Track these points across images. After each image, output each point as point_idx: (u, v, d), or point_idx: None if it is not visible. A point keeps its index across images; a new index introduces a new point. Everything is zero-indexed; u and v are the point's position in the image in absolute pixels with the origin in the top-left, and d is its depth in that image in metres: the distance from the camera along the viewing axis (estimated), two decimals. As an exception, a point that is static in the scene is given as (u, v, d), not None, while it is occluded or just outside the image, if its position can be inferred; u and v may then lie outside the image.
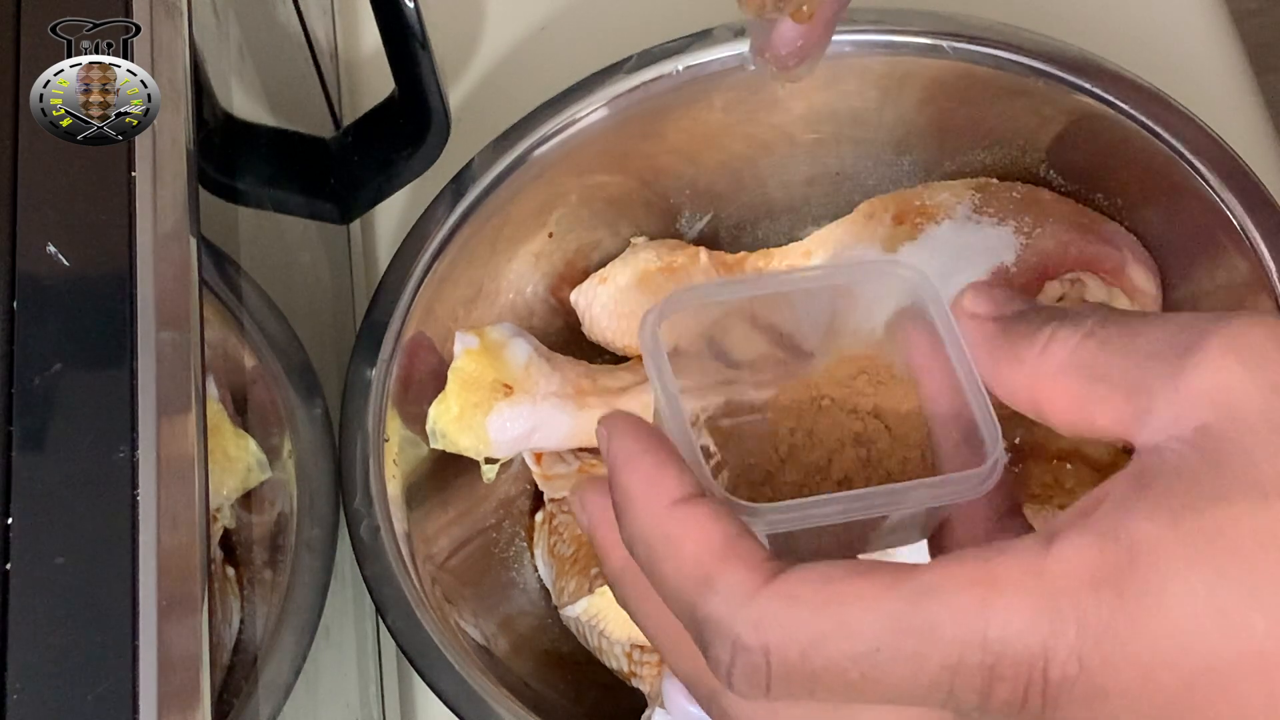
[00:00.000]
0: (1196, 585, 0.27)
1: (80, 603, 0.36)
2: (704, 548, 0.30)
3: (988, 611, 0.27)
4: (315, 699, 0.50)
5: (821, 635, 0.28)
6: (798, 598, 0.28)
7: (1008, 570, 0.28)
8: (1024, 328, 0.33)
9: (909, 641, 0.28)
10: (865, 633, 0.28)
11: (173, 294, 0.41)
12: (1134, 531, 0.28)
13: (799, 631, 0.28)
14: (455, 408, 0.56)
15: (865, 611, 0.28)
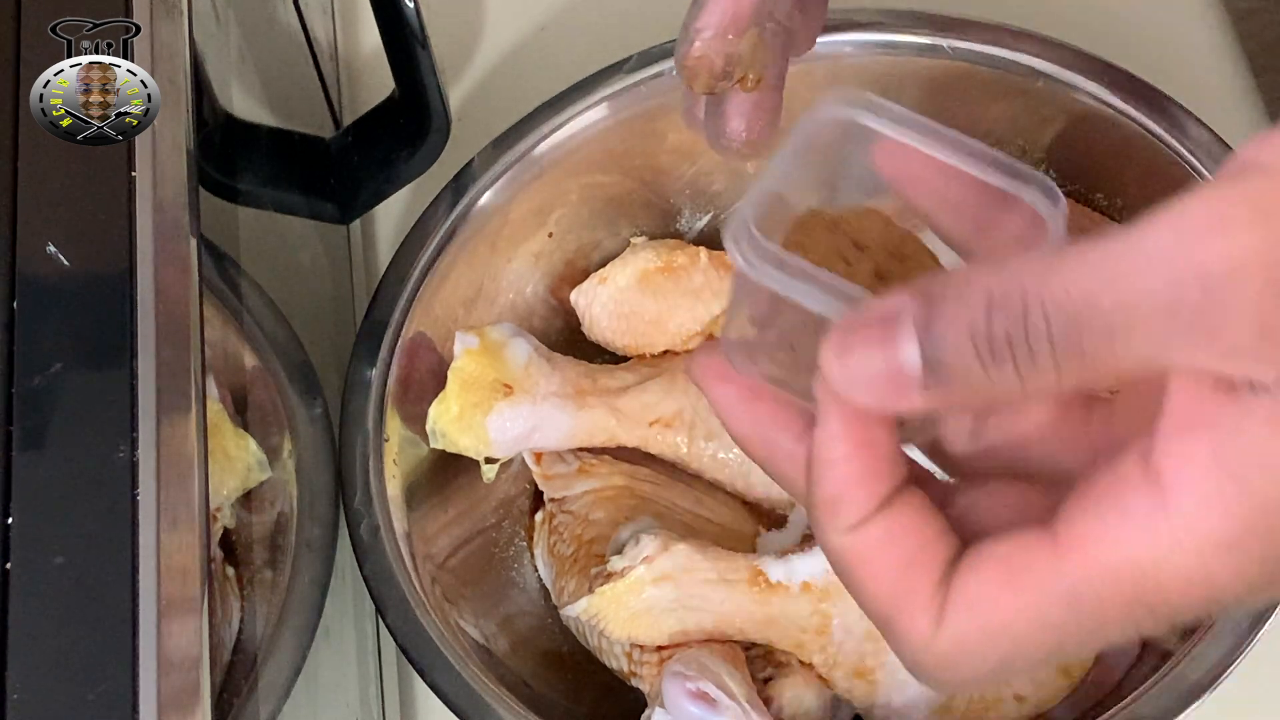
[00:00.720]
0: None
1: (80, 603, 0.36)
2: (881, 587, 0.31)
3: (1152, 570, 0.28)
4: (315, 699, 0.50)
5: (1003, 659, 0.30)
6: (966, 642, 0.30)
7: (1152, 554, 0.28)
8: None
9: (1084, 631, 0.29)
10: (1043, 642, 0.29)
11: (173, 294, 0.41)
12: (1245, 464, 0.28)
13: (983, 667, 0.30)
14: (455, 408, 0.56)
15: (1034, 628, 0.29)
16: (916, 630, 0.30)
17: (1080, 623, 0.29)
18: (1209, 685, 0.47)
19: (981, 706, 0.52)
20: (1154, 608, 0.28)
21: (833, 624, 0.52)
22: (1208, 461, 0.27)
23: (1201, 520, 0.27)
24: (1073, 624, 0.29)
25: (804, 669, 0.53)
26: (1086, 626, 0.29)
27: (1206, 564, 0.28)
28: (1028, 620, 0.29)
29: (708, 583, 0.52)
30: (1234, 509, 0.27)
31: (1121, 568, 0.28)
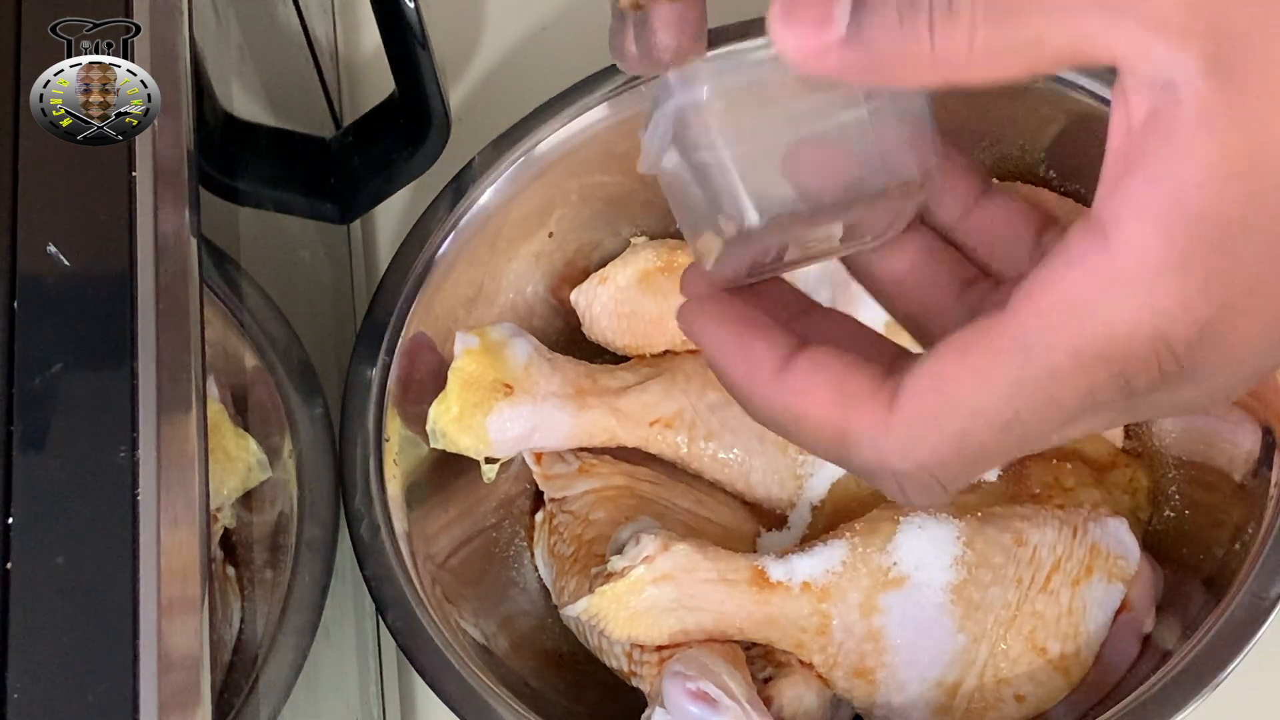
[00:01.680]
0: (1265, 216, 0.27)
1: (80, 603, 0.36)
2: (824, 406, 0.31)
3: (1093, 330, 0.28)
4: (315, 698, 0.50)
5: (962, 432, 0.29)
6: (925, 414, 0.30)
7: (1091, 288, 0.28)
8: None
9: (1035, 394, 0.29)
10: (1000, 409, 0.29)
11: (173, 294, 0.41)
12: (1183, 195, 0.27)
13: (941, 438, 0.30)
14: (455, 407, 0.56)
15: (986, 393, 0.29)
16: (870, 421, 0.30)
17: (1035, 381, 0.29)
18: (1209, 685, 0.47)
19: (981, 706, 0.52)
20: (1106, 358, 0.28)
21: (833, 624, 0.52)
22: (1144, 194, 0.27)
23: (1141, 249, 0.27)
24: (1027, 382, 0.29)
25: (804, 669, 0.53)
26: (1042, 385, 0.29)
27: (1152, 294, 0.27)
28: (980, 383, 0.29)
29: (708, 582, 0.52)
30: (1174, 231, 0.27)
31: (1067, 311, 0.28)
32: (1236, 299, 0.27)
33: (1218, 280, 0.27)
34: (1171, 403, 0.30)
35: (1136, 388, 0.28)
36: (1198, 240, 0.27)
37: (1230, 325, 0.28)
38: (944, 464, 0.30)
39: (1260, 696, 0.55)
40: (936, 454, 0.30)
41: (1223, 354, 0.28)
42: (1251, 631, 0.47)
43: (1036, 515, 0.54)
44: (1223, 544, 0.53)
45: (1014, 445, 0.30)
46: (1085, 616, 0.52)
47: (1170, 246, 0.27)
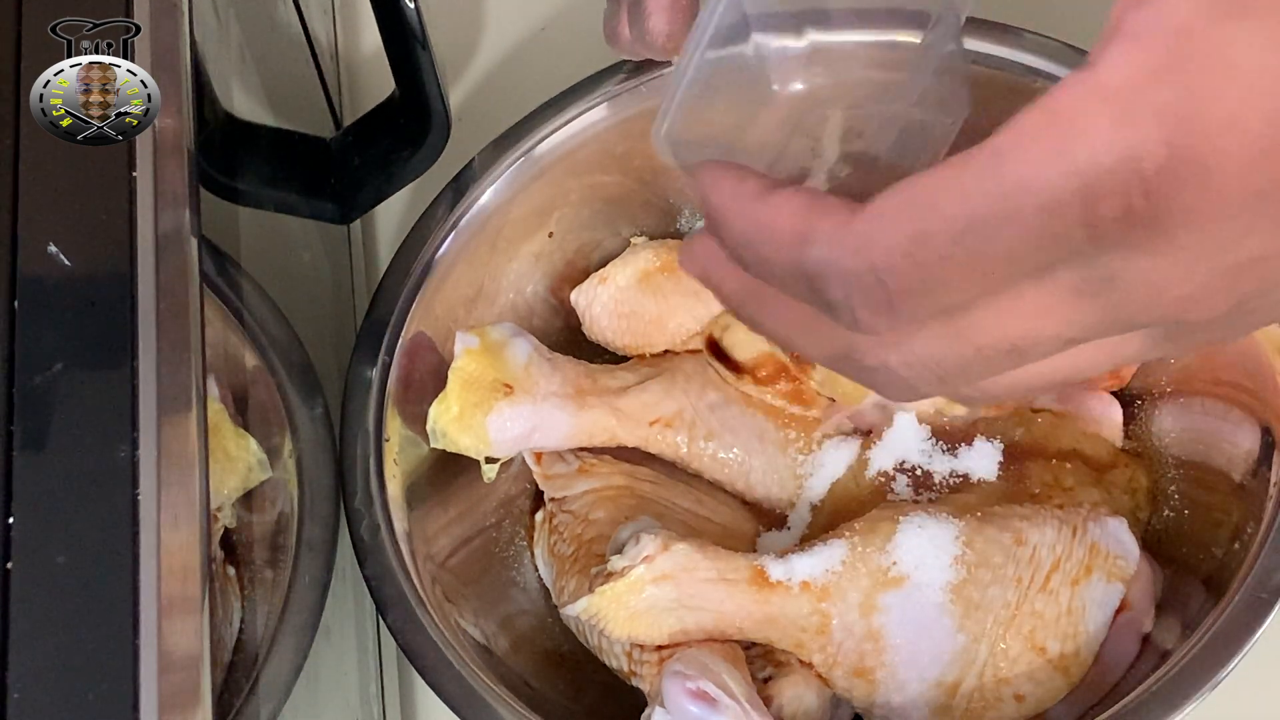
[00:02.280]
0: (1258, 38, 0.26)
1: (80, 602, 0.36)
2: (793, 215, 0.31)
3: (1066, 143, 0.27)
4: (315, 698, 0.50)
5: (918, 232, 0.28)
6: (885, 212, 0.29)
7: (1070, 101, 0.27)
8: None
9: (999, 203, 0.28)
10: (957, 213, 0.28)
11: (173, 294, 0.41)
12: (1172, 16, 0.27)
13: (897, 237, 0.29)
14: (455, 407, 0.56)
15: (950, 195, 0.28)
16: (832, 221, 0.30)
17: (1000, 189, 0.27)
18: (1208, 685, 0.47)
19: (981, 706, 0.52)
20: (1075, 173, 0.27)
21: (832, 623, 0.52)
22: (1133, 18, 0.27)
23: (1124, 63, 0.27)
24: (991, 190, 0.28)
25: (804, 669, 0.53)
26: (1006, 196, 0.27)
27: (1127, 108, 0.27)
28: (944, 186, 0.28)
29: (708, 582, 0.52)
30: (1156, 44, 0.27)
31: (1043, 125, 0.27)
32: (1214, 130, 0.26)
33: (1195, 101, 0.26)
34: (1145, 272, 0.28)
35: (1103, 226, 0.27)
36: (1179, 55, 0.26)
37: (1205, 161, 0.26)
38: (894, 269, 0.29)
39: (1260, 696, 0.55)
40: (889, 255, 0.29)
41: (1197, 199, 0.27)
42: (1251, 631, 0.47)
43: (1036, 515, 0.54)
44: (1222, 543, 0.53)
45: (967, 265, 0.28)
46: (1085, 616, 0.52)
47: (1150, 59, 0.27)
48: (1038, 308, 0.29)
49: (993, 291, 0.29)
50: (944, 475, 0.58)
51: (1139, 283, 0.28)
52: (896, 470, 0.58)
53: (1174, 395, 0.58)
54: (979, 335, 0.30)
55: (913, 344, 0.31)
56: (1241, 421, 0.54)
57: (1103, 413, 0.59)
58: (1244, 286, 0.28)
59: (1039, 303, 0.29)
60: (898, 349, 0.31)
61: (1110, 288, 0.28)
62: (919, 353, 0.31)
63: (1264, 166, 0.26)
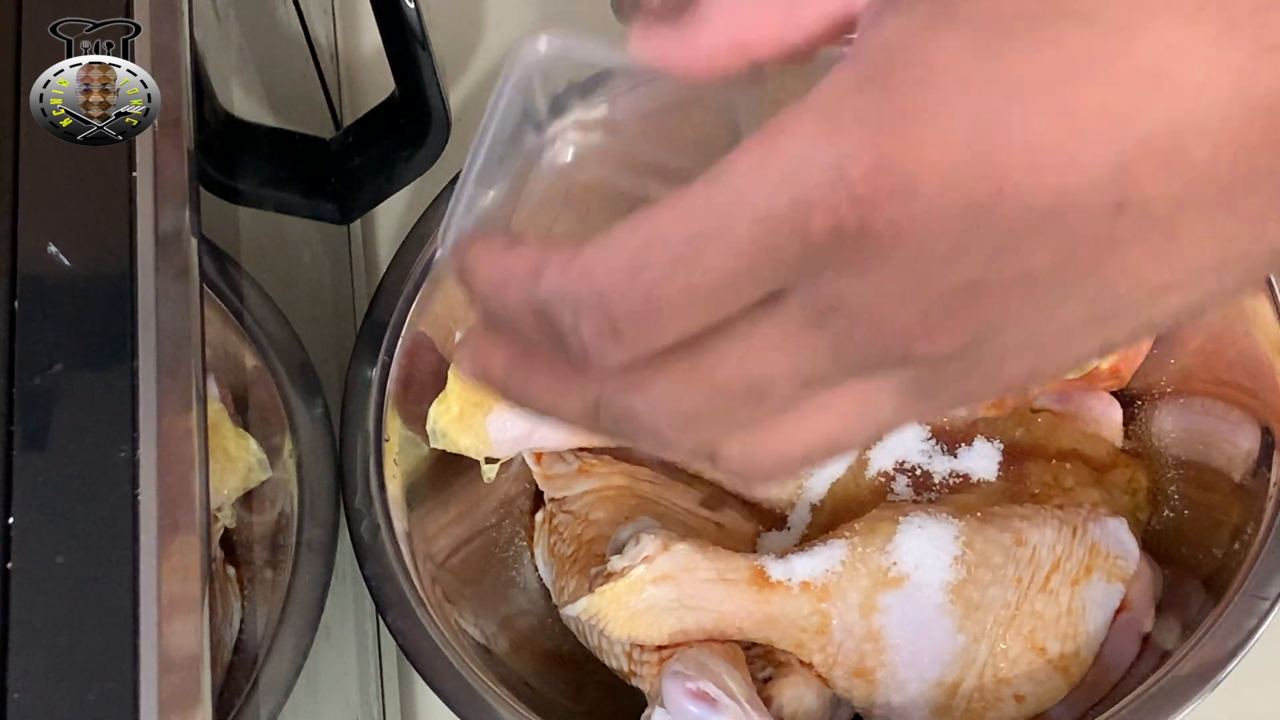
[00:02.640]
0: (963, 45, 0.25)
1: (80, 602, 0.36)
2: (530, 255, 0.30)
3: (773, 153, 0.27)
4: (315, 698, 0.50)
5: (639, 252, 0.28)
6: (610, 237, 0.28)
7: (784, 118, 0.27)
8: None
9: (713, 219, 0.27)
10: (675, 232, 0.28)
11: (173, 294, 0.41)
12: (883, 32, 0.27)
13: (619, 258, 0.28)
14: (455, 407, 0.56)
15: (670, 215, 0.28)
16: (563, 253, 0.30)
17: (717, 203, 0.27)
18: (1208, 685, 0.47)
19: (981, 706, 0.52)
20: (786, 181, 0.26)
21: (832, 624, 0.52)
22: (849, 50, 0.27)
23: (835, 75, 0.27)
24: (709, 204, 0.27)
25: (804, 669, 0.53)
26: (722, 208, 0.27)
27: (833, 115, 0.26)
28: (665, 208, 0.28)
29: (708, 582, 0.52)
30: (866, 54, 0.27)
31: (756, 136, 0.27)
32: (916, 138, 0.25)
33: (896, 107, 0.26)
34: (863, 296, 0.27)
35: (816, 240, 0.26)
36: (884, 65, 0.26)
37: (909, 169, 0.25)
38: (616, 288, 0.28)
39: (1260, 696, 0.55)
40: (611, 275, 0.28)
41: (903, 210, 0.26)
42: (1251, 631, 0.47)
43: (1036, 515, 0.54)
44: (1222, 544, 0.53)
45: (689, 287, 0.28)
46: (1085, 616, 0.52)
47: (858, 72, 0.26)
48: (769, 340, 0.28)
49: (721, 318, 0.28)
50: (944, 475, 0.58)
51: (860, 309, 0.27)
52: (896, 470, 0.58)
53: (1174, 395, 0.58)
54: (715, 371, 0.29)
55: (654, 383, 0.30)
56: (1241, 421, 0.54)
57: (1103, 413, 0.59)
58: (973, 316, 0.27)
59: (770, 334, 0.28)
60: (640, 390, 0.30)
61: (834, 315, 0.27)
62: (659, 392, 0.30)
63: (968, 178, 0.25)
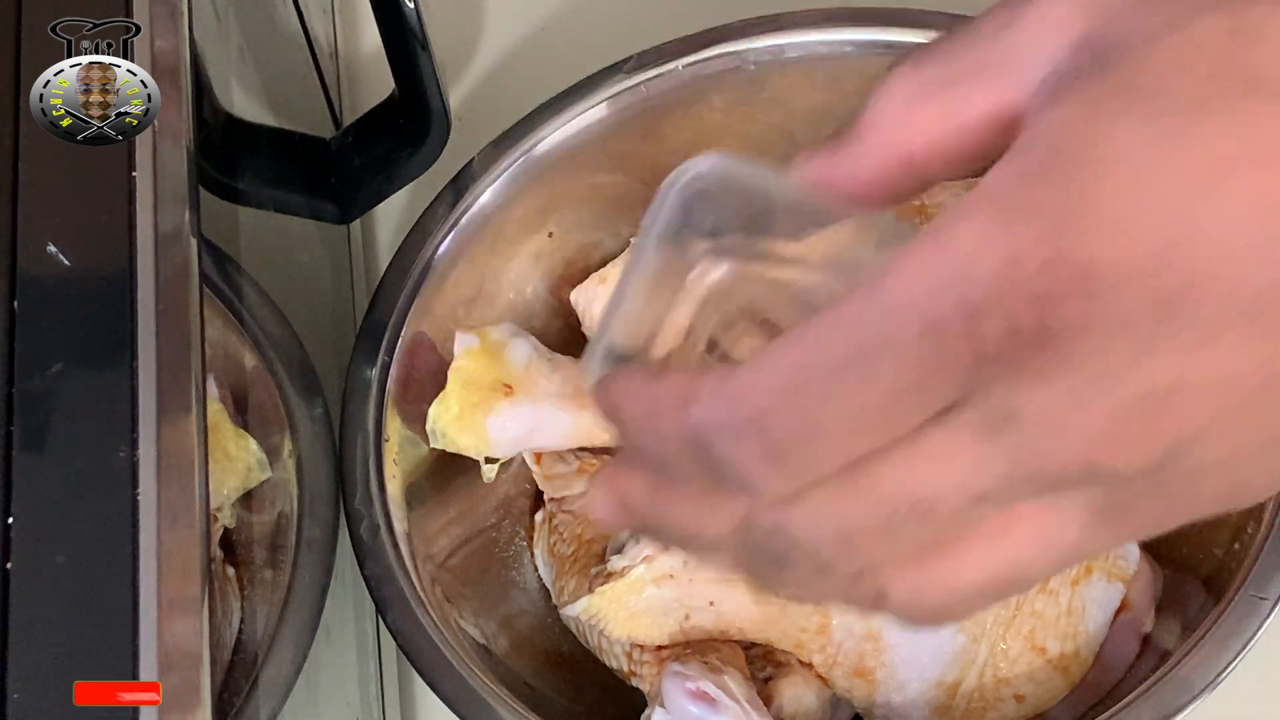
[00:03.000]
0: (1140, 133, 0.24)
1: (80, 602, 0.36)
2: (678, 384, 0.29)
3: (942, 253, 0.25)
4: (315, 698, 0.50)
5: (798, 373, 0.26)
6: (765, 358, 0.27)
7: (950, 214, 0.25)
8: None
9: (878, 329, 0.25)
10: (836, 347, 0.26)
11: (173, 294, 0.41)
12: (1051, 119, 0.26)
13: (776, 381, 0.27)
14: (455, 407, 0.56)
15: (829, 328, 0.26)
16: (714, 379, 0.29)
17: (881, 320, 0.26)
18: (1208, 685, 0.47)
19: (981, 706, 0.52)
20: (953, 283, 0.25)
21: (832, 624, 0.52)
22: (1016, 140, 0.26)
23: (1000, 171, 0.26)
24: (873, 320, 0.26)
25: (804, 669, 0.53)
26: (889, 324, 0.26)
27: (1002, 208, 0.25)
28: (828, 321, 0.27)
29: (708, 582, 0.52)
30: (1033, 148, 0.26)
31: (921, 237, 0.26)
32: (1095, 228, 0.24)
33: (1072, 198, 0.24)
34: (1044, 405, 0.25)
35: (990, 346, 0.24)
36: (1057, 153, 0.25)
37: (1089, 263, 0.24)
38: (775, 412, 0.27)
39: (1260, 696, 0.55)
40: (769, 399, 0.27)
41: (1085, 308, 0.24)
42: (1251, 631, 0.47)
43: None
44: (1222, 544, 0.53)
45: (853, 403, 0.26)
46: (1085, 616, 0.52)
47: (1029, 161, 0.25)
48: (937, 452, 0.26)
49: (887, 435, 0.27)
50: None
51: (1040, 418, 0.25)
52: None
53: (1174, 395, 0.58)
54: (878, 485, 0.27)
55: (809, 499, 0.28)
56: (1241, 421, 0.54)
57: (1103, 413, 0.59)
58: (1166, 425, 0.25)
59: (938, 446, 0.26)
60: (796, 506, 0.28)
61: (1009, 426, 0.25)
62: (816, 508, 0.28)
63: (1155, 272, 0.24)
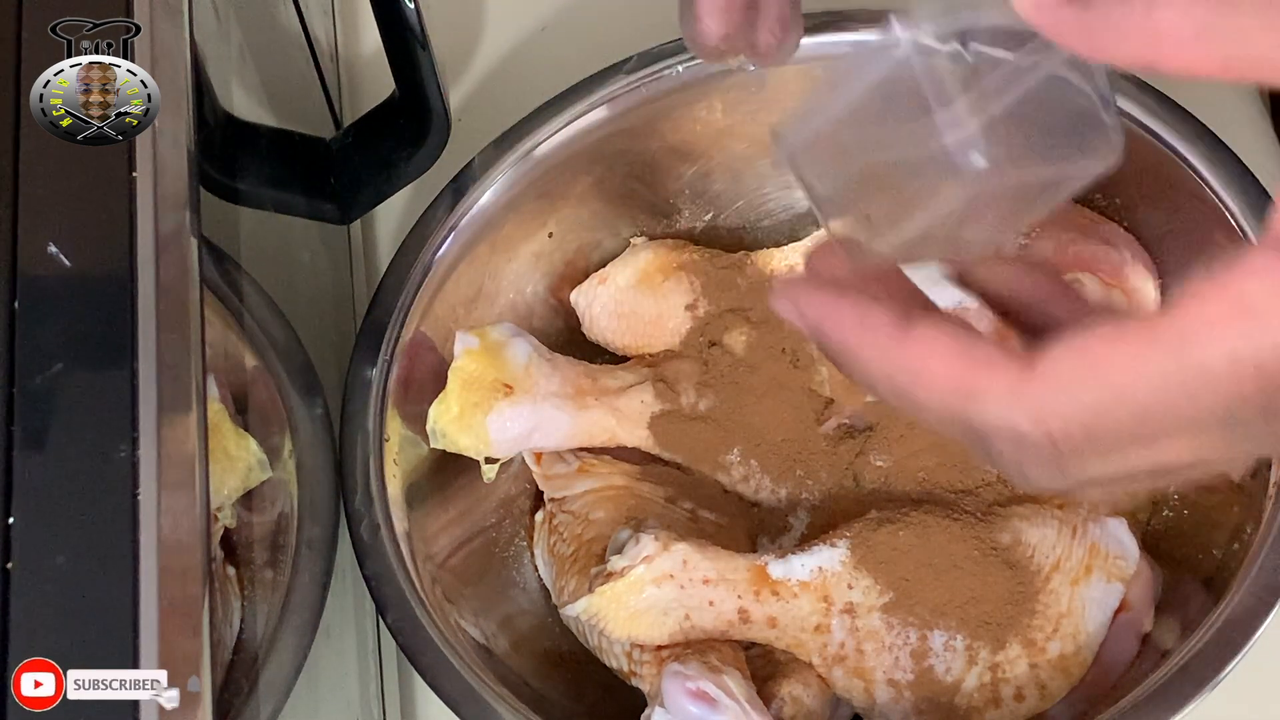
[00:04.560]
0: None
1: (80, 602, 0.36)
2: (949, 364, 0.31)
3: (1249, 328, 0.27)
4: (316, 698, 0.50)
5: (1099, 407, 0.29)
6: (1065, 380, 0.29)
7: (1258, 293, 0.28)
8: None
9: (1180, 389, 0.28)
10: (1140, 394, 0.29)
11: (173, 294, 0.41)
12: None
13: (1077, 412, 0.29)
14: (455, 407, 0.56)
15: (1135, 375, 0.29)
16: (1003, 381, 0.30)
17: (1184, 375, 0.28)
18: (1208, 685, 0.47)
19: (981, 705, 0.52)
20: (1261, 366, 0.27)
21: (832, 623, 0.52)
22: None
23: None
24: (1174, 374, 0.28)
25: (804, 669, 0.53)
26: (1189, 381, 0.28)
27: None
28: (1128, 364, 0.29)
29: (708, 582, 0.52)
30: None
31: (1233, 314, 0.28)
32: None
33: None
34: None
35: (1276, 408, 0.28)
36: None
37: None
38: (1070, 437, 0.30)
39: (1259, 696, 0.55)
40: (1067, 425, 0.29)
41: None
42: (1251, 631, 0.47)
43: (1036, 515, 0.54)
44: (1222, 544, 0.53)
45: (1142, 441, 0.29)
46: (1085, 616, 0.52)
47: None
48: (1189, 449, 0.30)
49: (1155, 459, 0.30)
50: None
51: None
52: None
53: (1174, 395, 0.58)
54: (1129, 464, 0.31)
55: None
56: (1241, 421, 0.54)
57: (1102, 413, 0.59)
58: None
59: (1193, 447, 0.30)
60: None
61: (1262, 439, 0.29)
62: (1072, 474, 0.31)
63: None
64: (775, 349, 0.59)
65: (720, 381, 0.59)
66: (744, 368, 0.59)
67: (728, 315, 0.60)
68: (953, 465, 0.57)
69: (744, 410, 0.59)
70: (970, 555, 0.52)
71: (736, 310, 0.60)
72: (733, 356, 0.59)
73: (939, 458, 0.57)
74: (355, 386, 0.56)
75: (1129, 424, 0.29)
